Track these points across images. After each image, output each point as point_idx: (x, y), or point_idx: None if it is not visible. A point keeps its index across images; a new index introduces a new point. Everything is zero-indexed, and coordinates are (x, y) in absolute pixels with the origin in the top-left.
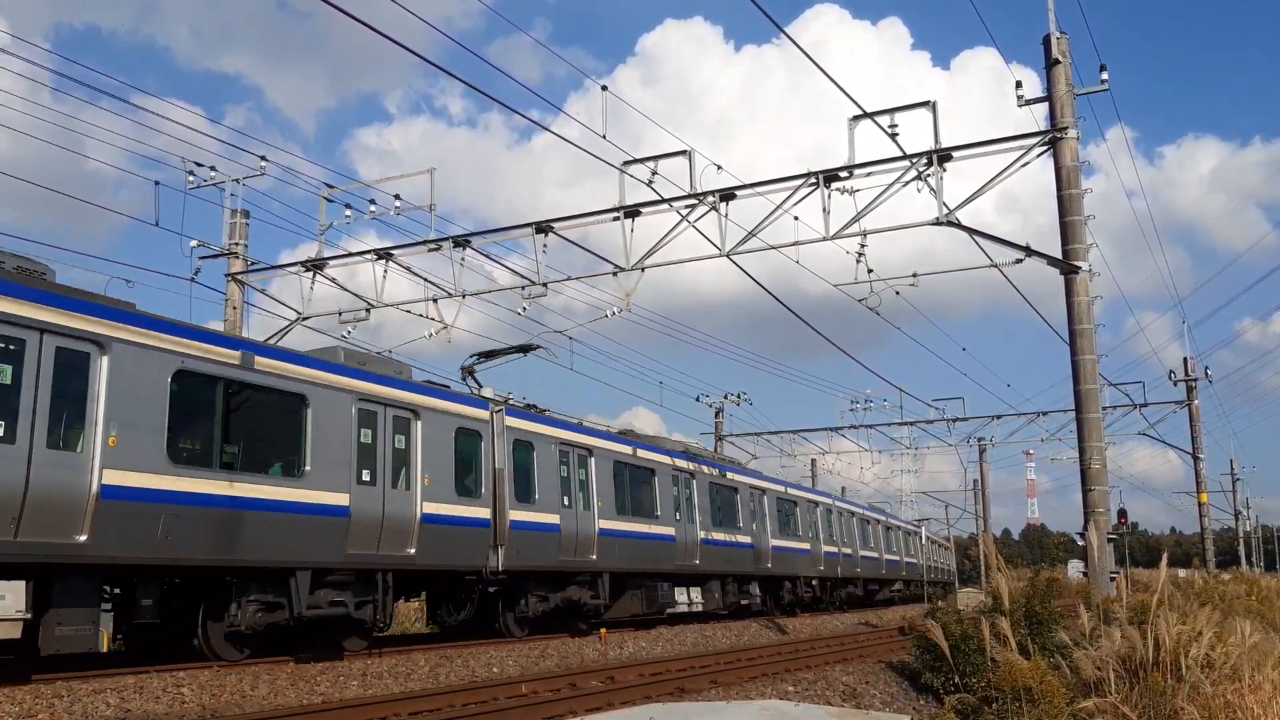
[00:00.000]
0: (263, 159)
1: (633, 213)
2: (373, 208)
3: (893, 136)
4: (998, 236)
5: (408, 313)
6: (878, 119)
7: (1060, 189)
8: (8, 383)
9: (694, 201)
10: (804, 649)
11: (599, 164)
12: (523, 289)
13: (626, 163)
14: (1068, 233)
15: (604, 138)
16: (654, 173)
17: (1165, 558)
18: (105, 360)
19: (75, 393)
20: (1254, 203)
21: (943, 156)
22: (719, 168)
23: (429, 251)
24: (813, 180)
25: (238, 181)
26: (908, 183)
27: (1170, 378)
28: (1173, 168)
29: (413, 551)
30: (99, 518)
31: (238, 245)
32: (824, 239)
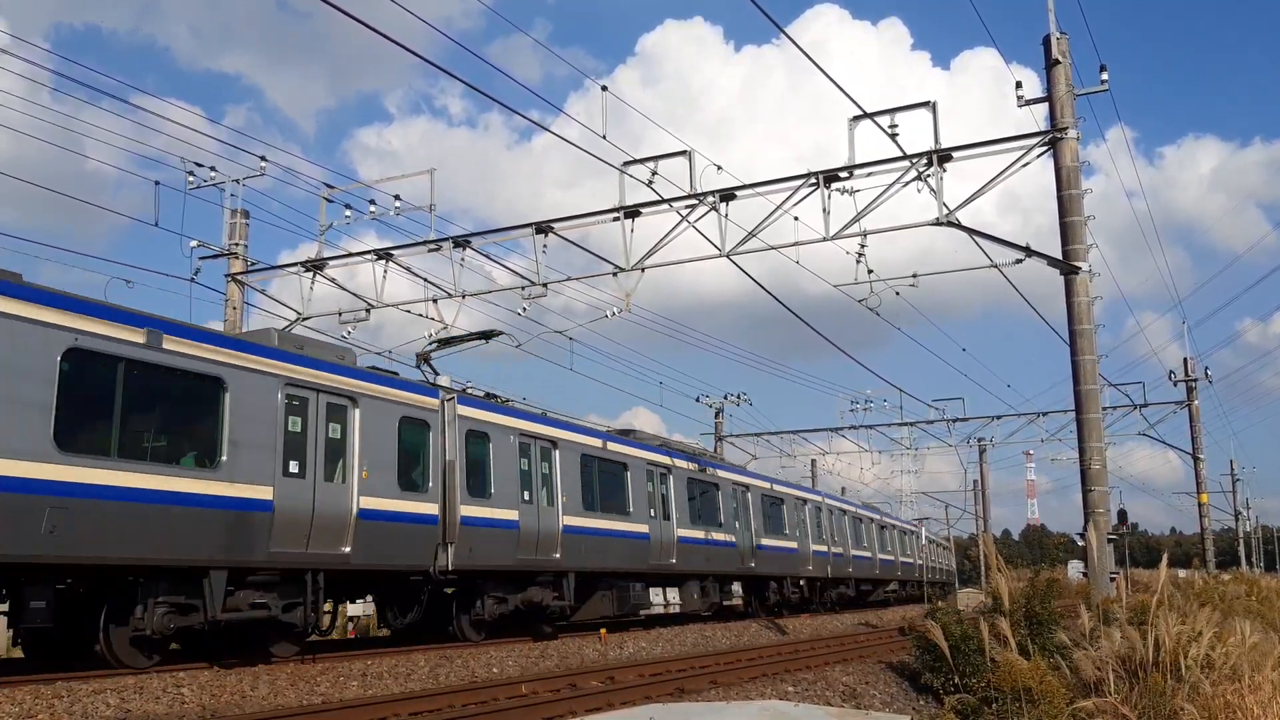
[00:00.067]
0: (263, 159)
1: (633, 213)
2: (373, 208)
3: (893, 137)
4: (998, 237)
5: (408, 313)
6: (878, 119)
7: (1060, 189)
8: None
9: (694, 202)
10: (804, 649)
11: (599, 164)
12: (523, 289)
13: (626, 163)
14: (1068, 233)
15: (604, 138)
16: (654, 173)
17: (1165, 558)
18: None
19: None
20: (1254, 203)
21: (943, 157)
22: (719, 168)
23: (429, 252)
24: (813, 180)
25: (238, 182)
26: (908, 183)
27: (1170, 378)
28: (1173, 168)
29: (348, 550)
30: None
31: (238, 245)
32: (824, 239)
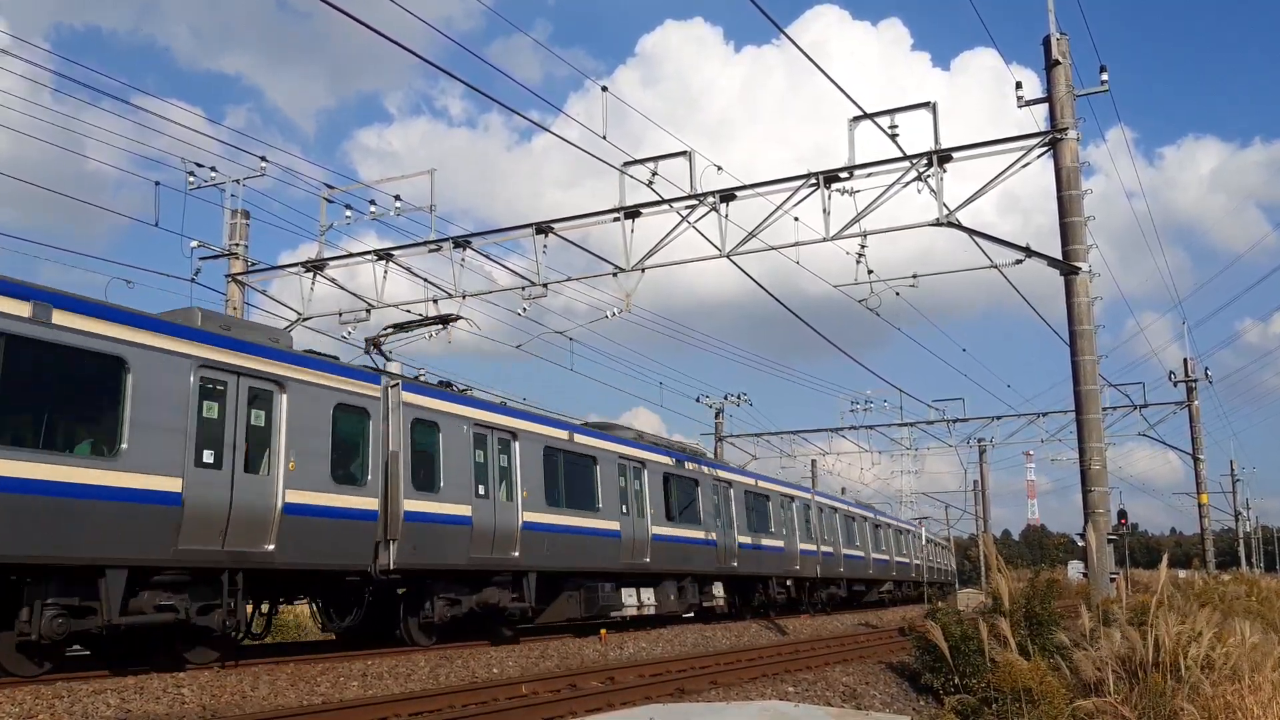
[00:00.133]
0: (263, 159)
1: (633, 213)
2: (373, 208)
3: (893, 137)
4: (998, 237)
5: (408, 313)
6: (878, 120)
7: (1060, 190)
8: None
9: (694, 202)
10: (803, 649)
11: (599, 165)
12: (523, 289)
13: (627, 163)
14: (1068, 234)
15: (604, 138)
16: (654, 173)
17: (1165, 558)
18: None
19: None
20: (1254, 203)
21: (943, 157)
22: (719, 168)
23: (429, 252)
24: (813, 181)
25: (238, 182)
26: (908, 183)
27: (1170, 378)
28: (1173, 168)
29: (271, 548)
30: None
31: (238, 246)
32: (824, 240)
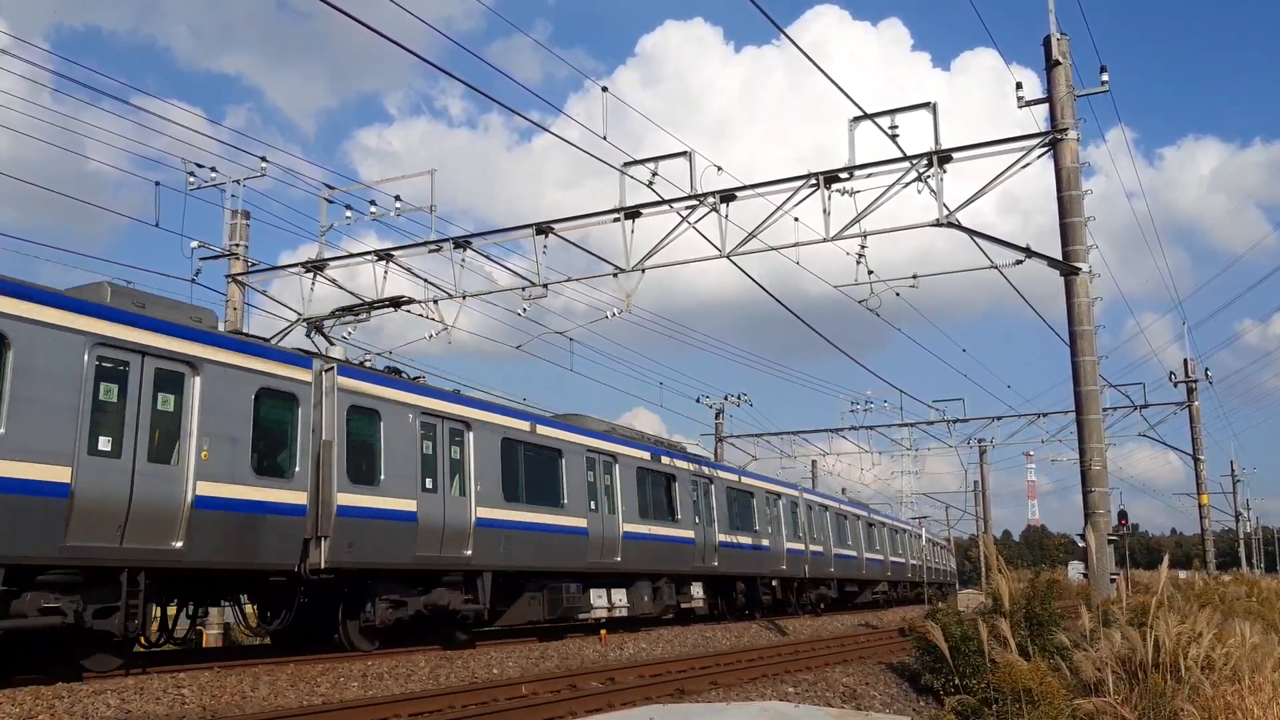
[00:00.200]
0: (263, 160)
1: (633, 214)
2: (373, 208)
3: (893, 138)
4: (998, 238)
5: (408, 313)
6: (878, 120)
7: (1060, 190)
8: None
9: (694, 202)
10: (803, 650)
11: (599, 165)
12: (523, 290)
13: (627, 164)
14: (1068, 234)
15: (604, 139)
16: (654, 174)
17: (1166, 559)
18: None
19: None
20: (1254, 203)
21: (943, 158)
22: (719, 169)
23: (429, 252)
24: (813, 181)
25: (238, 182)
26: (908, 184)
27: (1170, 379)
28: (1173, 169)
29: (180, 545)
30: None
31: (238, 246)
32: (824, 240)
